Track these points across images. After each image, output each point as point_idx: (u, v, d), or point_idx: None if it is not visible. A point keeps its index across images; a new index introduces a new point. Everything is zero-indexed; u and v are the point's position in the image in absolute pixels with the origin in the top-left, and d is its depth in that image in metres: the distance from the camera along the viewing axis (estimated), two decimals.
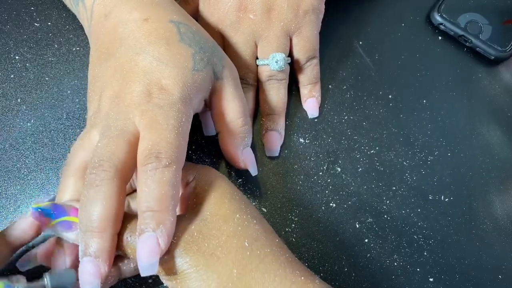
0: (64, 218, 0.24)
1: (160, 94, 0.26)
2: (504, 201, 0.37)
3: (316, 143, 0.37)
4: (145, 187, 0.24)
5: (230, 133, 0.31)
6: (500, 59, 0.41)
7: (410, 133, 0.38)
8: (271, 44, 0.35)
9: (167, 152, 0.24)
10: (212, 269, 0.24)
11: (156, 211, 0.23)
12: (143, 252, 0.23)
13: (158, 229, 0.23)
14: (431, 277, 0.34)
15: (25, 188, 0.34)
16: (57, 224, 0.24)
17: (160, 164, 0.24)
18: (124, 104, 0.26)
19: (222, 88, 0.31)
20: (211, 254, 0.24)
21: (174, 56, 0.28)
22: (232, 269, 0.24)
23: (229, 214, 0.26)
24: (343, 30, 0.41)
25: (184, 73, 0.27)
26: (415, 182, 0.37)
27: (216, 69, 0.30)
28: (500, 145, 0.39)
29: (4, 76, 0.37)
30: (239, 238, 0.25)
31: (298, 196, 0.36)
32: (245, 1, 0.34)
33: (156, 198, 0.23)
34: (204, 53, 0.29)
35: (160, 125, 0.25)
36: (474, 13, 0.42)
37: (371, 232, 0.35)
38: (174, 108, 0.26)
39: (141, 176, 0.24)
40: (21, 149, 0.35)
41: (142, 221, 0.23)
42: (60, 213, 0.24)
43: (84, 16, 0.32)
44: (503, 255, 0.35)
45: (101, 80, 0.28)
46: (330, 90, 0.39)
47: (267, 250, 0.25)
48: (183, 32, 0.29)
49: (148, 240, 0.23)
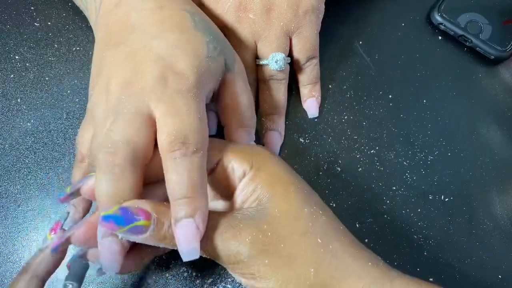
0: (136, 223, 0.23)
1: (176, 79, 0.26)
2: (504, 201, 0.37)
3: (316, 143, 0.37)
4: (175, 174, 0.24)
5: (237, 126, 0.31)
6: (500, 59, 0.41)
7: (410, 133, 0.38)
8: (271, 44, 0.35)
9: (194, 138, 0.24)
10: (291, 270, 0.24)
11: (190, 197, 0.23)
12: (183, 238, 0.23)
13: (196, 215, 0.23)
14: (431, 277, 0.34)
15: (25, 188, 0.34)
16: (129, 230, 0.23)
17: (188, 151, 0.24)
18: (138, 87, 0.25)
19: (233, 81, 0.30)
20: (288, 255, 0.24)
21: (189, 42, 0.27)
22: (309, 268, 0.24)
23: (298, 209, 0.26)
24: (343, 30, 0.41)
25: (199, 60, 0.27)
26: (415, 182, 0.37)
27: (228, 61, 0.30)
28: (500, 145, 0.39)
29: (4, 76, 0.37)
30: (311, 235, 0.25)
31: None
32: (245, 1, 0.34)
33: (189, 185, 0.24)
34: (218, 43, 0.29)
35: (181, 110, 0.25)
36: (474, 13, 0.41)
37: (371, 232, 0.35)
38: (191, 93, 0.26)
39: (169, 163, 0.24)
40: (21, 149, 0.35)
41: (178, 208, 0.23)
42: (130, 219, 0.23)
43: (92, 6, 0.32)
44: (503, 255, 0.35)
45: (109, 66, 0.27)
46: (330, 90, 0.39)
47: (336, 244, 0.25)
48: (197, 20, 0.29)
49: (187, 227, 0.23)
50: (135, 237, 0.23)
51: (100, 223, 0.23)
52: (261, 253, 0.24)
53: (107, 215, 0.23)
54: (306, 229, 0.25)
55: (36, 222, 0.34)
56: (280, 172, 0.27)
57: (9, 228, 0.34)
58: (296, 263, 0.24)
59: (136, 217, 0.23)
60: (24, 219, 0.34)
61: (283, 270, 0.24)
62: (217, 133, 0.34)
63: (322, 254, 0.25)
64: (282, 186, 0.27)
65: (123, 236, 0.23)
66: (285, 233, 0.25)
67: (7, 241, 0.33)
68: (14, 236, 0.34)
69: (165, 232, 0.24)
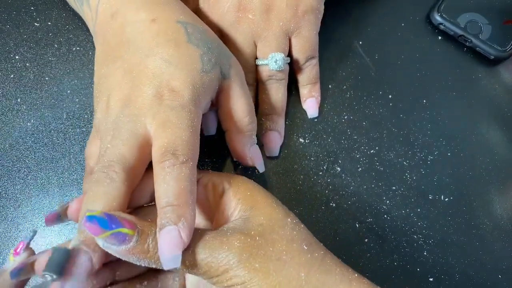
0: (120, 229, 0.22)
1: (171, 96, 0.26)
2: (504, 201, 0.37)
3: (316, 143, 0.37)
4: (164, 183, 0.24)
5: (237, 131, 0.31)
6: (500, 59, 0.41)
7: (410, 133, 0.38)
8: (270, 44, 0.35)
9: (184, 149, 0.25)
10: (282, 274, 0.24)
11: (176, 205, 0.23)
12: (165, 245, 0.22)
13: (179, 222, 0.23)
14: (431, 277, 0.34)
15: (25, 188, 0.34)
16: (112, 236, 0.22)
17: (177, 161, 0.24)
18: (136, 107, 0.26)
19: (229, 87, 0.31)
20: (278, 259, 0.24)
21: (183, 57, 0.28)
22: (299, 272, 0.24)
23: (282, 218, 0.26)
24: (343, 30, 0.41)
25: (193, 75, 0.27)
26: (415, 182, 0.37)
27: (223, 69, 0.30)
28: (500, 145, 0.39)
29: (4, 76, 0.37)
30: (297, 242, 0.25)
31: (298, 196, 0.36)
32: (244, 1, 0.34)
33: (176, 193, 0.23)
34: (212, 54, 0.29)
35: (174, 124, 0.25)
36: (474, 13, 0.41)
37: (371, 232, 0.35)
38: (186, 109, 0.26)
39: (158, 173, 0.24)
40: (21, 149, 0.35)
41: (163, 215, 0.23)
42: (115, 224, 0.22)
43: (88, 16, 0.32)
44: (503, 255, 0.35)
45: (108, 82, 0.28)
46: (330, 90, 0.39)
47: (321, 252, 0.26)
48: (190, 32, 0.29)
49: (170, 233, 0.22)
50: (116, 247, 0.22)
51: (83, 224, 0.22)
52: (251, 256, 0.24)
53: (92, 216, 0.22)
54: (292, 236, 0.25)
55: (36, 222, 0.34)
56: (258, 188, 0.28)
57: (9, 228, 0.34)
58: (287, 267, 0.24)
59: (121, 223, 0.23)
60: (24, 219, 0.34)
61: (275, 275, 0.24)
62: (217, 133, 0.34)
63: (310, 260, 0.25)
64: (263, 199, 0.27)
65: (104, 243, 0.22)
66: (272, 238, 0.25)
67: (7, 241, 0.33)
68: (14, 236, 0.34)
69: (148, 245, 0.23)
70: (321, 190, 0.36)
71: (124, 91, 0.27)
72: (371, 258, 0.34)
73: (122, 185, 0.24)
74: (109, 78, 0.28)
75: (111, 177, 0.24)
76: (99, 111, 0.28)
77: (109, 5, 0.30)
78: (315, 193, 0.36)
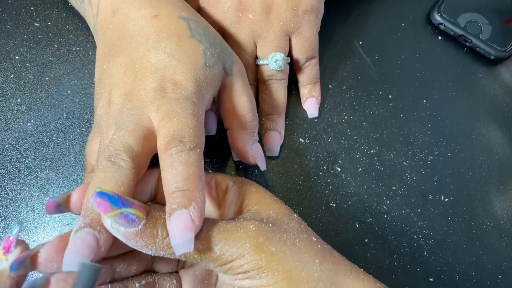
0: (130, 209, 0.21)
1: (174, 89, 0.26)
2: (504, 201, 0.37)
3: (316, 143, 0.37)
4: (172, 169, 0.23)
5: (239, 129, 0.31)
6: (500, 59, 0.41)
7: (410, 133, 0.38)
8: (270, 44, 0.35)
9: (190, 136, 0.24)
10: (298, 259, 0.24)
11: (186, 190, 0.22)
12: (176, 229, 0.21)
13: (190, 206, 0.22)
14: (431, 277, 0.34)
15: (25, 188, 0.34)
16: (121, 214, 0.21)
17: (184, 147, 0.24)
18: (138, 100, 0.26)
19: (232, 84, 0.31)
20: (293, 244, 0.24)
21: (186, 52, 0.28)
22: (314, 259, 0.24)
23: (289, 213, 0.27)
24: (343, 30, 0.41)
25: (196, 69, 0.27)
26: (415, 182, 0.37)
27: (226, 65, 0.30)
28: (500, 145, 0.39)
29: (4, 76, 0.37)
30: (306, 233, 0.26)
31: (298, 196, 0.36)
32: (244, 1, 0.34)
33: (185, 178, 0.23)
34: (215, 49, 0.29)
35: (179, 114, 0.25)
36: (474, 13, 0.41)
37: (371, 232, 0.35)
38: (190, 101, 0.26)
39: (165, 160, 0.23)
40: (21, 149, 0.35)
41: (172, 200, 0.22)
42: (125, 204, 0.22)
43: (90, 13, 0.32)
44: (503, 255, 0.35)
45: (110, 77, 0.28)
46: (330, 90, 0.39)
47: (328, 246, 0.27)
48: (193, 28, 0.29)
49: (181, 217, 0.21)
50: (124, 229, 0.21)
51: (93, 198, 0.21)
52: (267, 239, 0.23)
53: (102, 192, 0.21)
54: (300, 228, 0.26)
55: (36, 222, 0.34)
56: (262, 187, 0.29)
57: (9, 228, 0.34)
58: (301, 252, 0.24)
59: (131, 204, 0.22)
60: (24, 219, 0.34)
61: (291, 260, 0.23)
62: (217, 134, 0.34)
63: (322, 249, 0.25)
64: (269, 195, 0.28)
65: (113, 223, 0.21)
66: (284, 227, 0.25)
67: None
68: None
69: (157, 229, 0.22)
70: (321, 190, 0.36)
71: (126, 86, 0.26)
72: (371, 258, 0.34)
73: (130, 172, 0.23)
74: (110, 73, 0.28)
75: (119, 165, 0.23)
76: (100, 107, 0.28)
77: (110, 2, 0.30)
78: (315, 193, 0.36)
